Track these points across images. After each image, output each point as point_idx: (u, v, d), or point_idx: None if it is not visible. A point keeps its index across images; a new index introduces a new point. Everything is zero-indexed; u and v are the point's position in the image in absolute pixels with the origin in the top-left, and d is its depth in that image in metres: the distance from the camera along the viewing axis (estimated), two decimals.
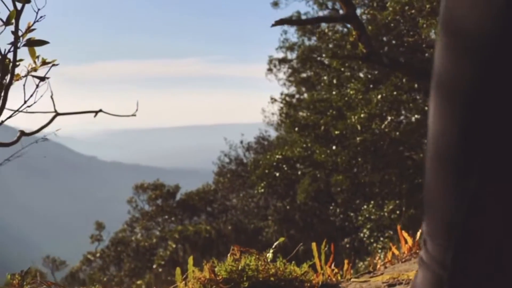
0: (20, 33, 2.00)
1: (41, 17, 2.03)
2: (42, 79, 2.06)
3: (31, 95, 2.28)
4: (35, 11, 1.98)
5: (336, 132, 14.04)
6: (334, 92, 15.97)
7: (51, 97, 2.52)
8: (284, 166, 15.87)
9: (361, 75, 15.81)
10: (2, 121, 2.25)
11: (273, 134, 25.64)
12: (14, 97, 2.21)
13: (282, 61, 23.52)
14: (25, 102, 2.26)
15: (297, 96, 21.91)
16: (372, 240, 13.28)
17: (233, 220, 21.43)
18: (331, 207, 19.17)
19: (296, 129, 15.49)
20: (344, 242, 18.63)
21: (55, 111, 2.60)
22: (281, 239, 2.58)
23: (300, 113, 17.75)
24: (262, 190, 16.69)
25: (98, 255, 20.56)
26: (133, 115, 3.53)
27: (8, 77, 1.96)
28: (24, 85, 2.24)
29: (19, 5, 2.04)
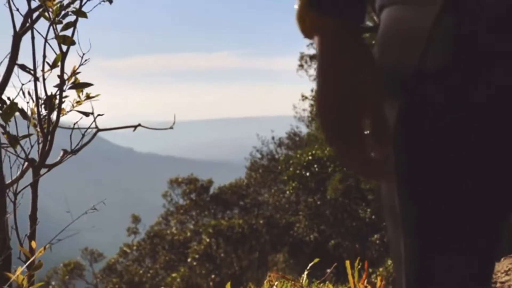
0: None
1: (85, 60, 2.15)
2: (86, 114, 2.17)
3: (75, 124, 2.41)
4: (79, 55, 2.10)
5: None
6: None
7: (92, 113, 2.63)
8: (315, 166, 15.88)
9: None
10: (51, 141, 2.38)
11: (304, 129, 25.65)
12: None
13: (313, 57, 23.50)
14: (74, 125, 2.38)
15: None
16: None
17: (265, 214, 21.55)
18: (361, 204, 19.16)
19: None
20: (374, 238, 18.59)
21: (96, 127, 2.69)
22: (316, 260, 2.68)
23: None
24: (293, 191, 16.77)
25: (134, 247, 20.94)
26: (171, 128, 3.68)
27: (55, 115, 2.08)
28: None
29: (64, 47, 2.17)
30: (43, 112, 1.96)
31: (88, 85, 2.13)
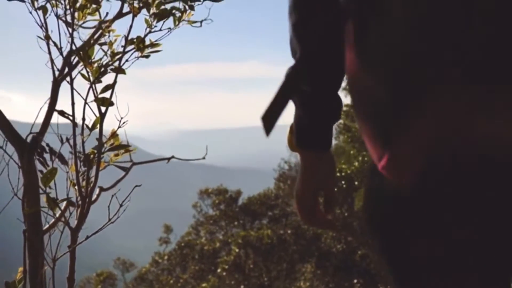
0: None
1: (123, 122, 2.24)
2: (124, 169, 2.24)
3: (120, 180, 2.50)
4: (118, 119, 2.19)
5: None
6: None
7: (130, 152, 2.69)
8: (342, 182, 15.86)
9: None
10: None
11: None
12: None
13: None
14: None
15: None
16: None
17: (293, 224, 21.55)
18: None
19: (351, 140, 15.44)
20: None
21: (131, 160, 2.76)
22: None
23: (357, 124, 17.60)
24: None
25: (165, 257, 21.12)
26: (203, 158, 3.82)
27: (94, 171, 2.17)
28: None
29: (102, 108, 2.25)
30: (82, 168, 2.05)
31: (125, 146, 2.17)
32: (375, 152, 1.07)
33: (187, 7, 2.28)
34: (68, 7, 2.08)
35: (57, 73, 2.28)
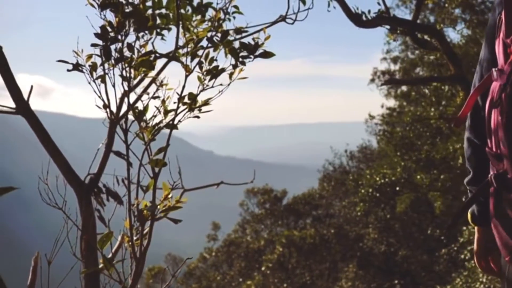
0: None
1: (176, 184, 2.24)
2: (175, 221, 2.24)
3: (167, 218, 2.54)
4: (173, 183, 2.18)
5: (438, 156, 13.68)
6: (432, 109, 15.45)
7: (179, 172, 2.70)
8: (387, 189, 15.72)
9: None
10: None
11: (375, 143, 25.32)
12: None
13: (385, 72, 23.14)
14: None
15: (398, 109, 21.50)
16: (473, 264, 12.84)
17: (335, 224, 21.46)
18: (429, 217, 18.77)
19: (394, 148, 15.24)
20: (442, 253, 18.14)
21: (182, 187, 2.73)
22: None
23: (398, 129, 17.28)
24: (361, 213, 16.64)
25: (213, 254, 21.33)
26: (251, 182, 3.83)
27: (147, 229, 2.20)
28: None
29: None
30: (135, 223, 2.08)
31: (178, 208, 2.16)
32: None
33: (239, 63, 2.29)
34: (125, 72, 2.11)
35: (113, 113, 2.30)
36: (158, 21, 2.50)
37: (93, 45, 2.03)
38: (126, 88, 2.17)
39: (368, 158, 24.87)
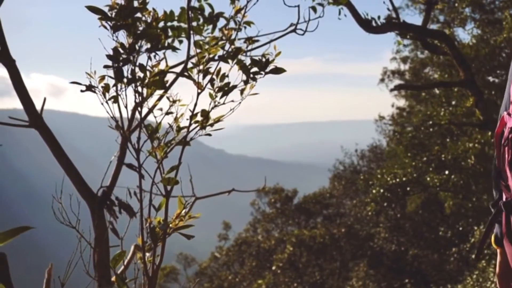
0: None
1: (188, 203, 2.24)
2: (188, 237, 2.23)
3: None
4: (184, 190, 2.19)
5: (449, 157, 13.57)
6: (442, 110, 15.30)
7: (190, 180, 2.71)
8: (398, 190, 15.66)
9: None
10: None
11: (384, 142, 25.22)
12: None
13: (395, 72, 23.02)
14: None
15: (407, 109, 21.40)
16: (484, 264, 12.77)
17: (346, 224, 21.42)
18: (439, 217, 18.68)
19: (405, 149, 15.16)
20: (452, 252, 18.06)
21: (194, 195, 2.73)
22: None
23: (408, 129, 17.18)
24: (371, 213, 16.58)
25: (224, 253, 21.36)
26: (263, 188, 3.83)
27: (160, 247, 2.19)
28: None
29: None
30: (148, 240, 2.09)
31: (189, 226, 2.17)
32: None
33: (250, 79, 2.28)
34: (137, 95, 2.12)
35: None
36: (170, 33, 2.50)
37: (106, 66, 2.04)
38: (138, 101, 2.18)
39: (379, 157, 24.78)
